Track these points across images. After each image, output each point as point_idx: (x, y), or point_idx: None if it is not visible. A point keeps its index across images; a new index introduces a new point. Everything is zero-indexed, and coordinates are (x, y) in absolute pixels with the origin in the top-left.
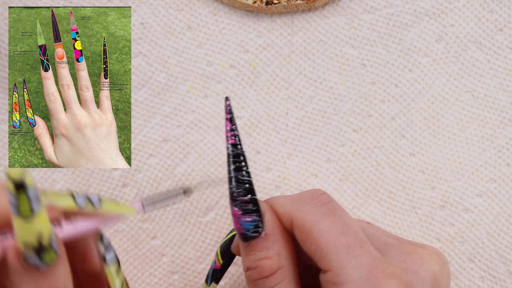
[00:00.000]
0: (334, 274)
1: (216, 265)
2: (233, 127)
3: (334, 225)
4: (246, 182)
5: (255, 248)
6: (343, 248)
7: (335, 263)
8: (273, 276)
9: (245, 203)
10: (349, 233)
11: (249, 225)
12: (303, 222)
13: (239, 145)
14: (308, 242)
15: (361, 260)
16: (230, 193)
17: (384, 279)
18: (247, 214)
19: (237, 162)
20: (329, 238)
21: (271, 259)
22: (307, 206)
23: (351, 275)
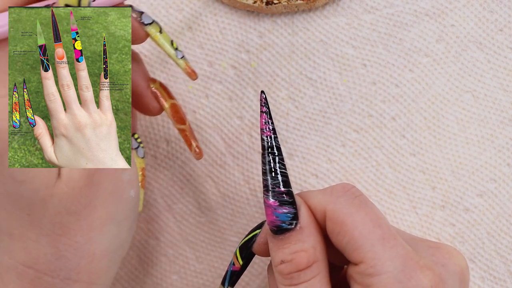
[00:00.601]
0: (368, 265)
1: (235, 266)
2: (269, 120)
3: (368, 217)
4: (283, 174)
5: (290, 241)
6: (378, 240)
7: (370, 254)
8: (309, 269)
9: (281, 195)
10: (383, 225)
11: (285, 217)
12: (337, 214)
13: (275, 137)
14: (341, 234)
15: (396, 251)
16: (265, 185)
17: (419, 270)
18: (284, 206)
19: (273, 154)
20: (363, 229)
21: (307, 251)
22: (340, 198)
23: (387, 266)
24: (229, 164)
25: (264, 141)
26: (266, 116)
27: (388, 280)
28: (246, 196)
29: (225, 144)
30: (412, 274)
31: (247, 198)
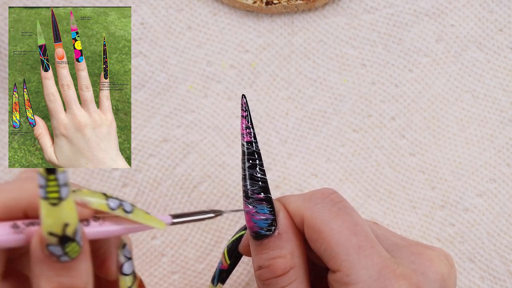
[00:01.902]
0: (343, 274)
1: (223, 265)
2: (249, 125)
3: (345, 225)
4: (261, 180)
5: (268, 247)
6: (353, 248)
7: (345, 263)
8: (286, 275)
9: (259, 201)
10: (360, 233)
11: (263, 223)
12: (314, 221)
13: (254, 143)
14: (318, 241)
15: (371, 260)
16: (244, 191)
17: (394, 280)
18: (261, 212)
19: (252, 160)
20: (340, 238)
21: (285, 258)
22: (318, 205)
23: (361, 275)
24: (229, 164)
25: (244, 146)
26: (246, 121)
27: None
28: None
29: (225, 144)
30: (386, 283)
31: None
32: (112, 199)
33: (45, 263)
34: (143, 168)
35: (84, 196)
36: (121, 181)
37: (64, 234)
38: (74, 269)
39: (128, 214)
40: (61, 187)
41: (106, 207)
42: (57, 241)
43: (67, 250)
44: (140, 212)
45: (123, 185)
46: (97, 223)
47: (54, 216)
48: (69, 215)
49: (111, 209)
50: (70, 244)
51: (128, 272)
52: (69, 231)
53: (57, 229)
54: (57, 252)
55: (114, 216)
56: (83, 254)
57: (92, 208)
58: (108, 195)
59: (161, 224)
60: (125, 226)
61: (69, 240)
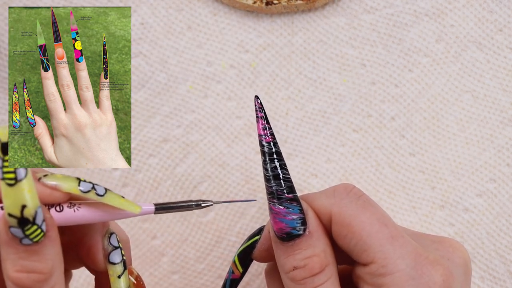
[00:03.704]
0: (379, 265)
1: (235, 274)
2: (268, 125)
3: (375, 217)
4: (288, 179)
5: (301, 247)
6: (386, 239)
7: (380, 254)
8: (322, 272)
9: (290, 201)
10: (389, 223)
11: (295, 223)
12: (343, 216)
13: (276, 143)
14: (348, 236)
15: (405, 249)
16: (272, 192)
17: (430, 266)
18: (293, 212)
19: (277, 160)
20: (371, 229)
21: (319, 256)
22: (344, 200)
23: (398, 264)
24: (229, 164)
25: (264, 147)
26: (264, 121)
27: (401, 278)
28: (246, 196)
29: (225, 144)
30: (423, 270)
31: (247, 198)
32: (84, 183)
33: (9, 245)
34: (143, 168)
35: (56, 179)
36: (121, 181)
37: (22, 215)
38: (38, 253)
39: (100, 197)
40: (17, 168)
41: (78, 190)
42: (16, 222)
43: (27, 232)
44: (114, 196)
45: (123, 185)
46: (71, 209)
47: (12, 196)
48: (27, 196)
49: (82, 192)
50: (30, 227)
51: (116, 261)
52: (28, 213)
53: (15, 210)
54: (18, 234)
55: (90, 203)
56: (48, 239)
57: (63, 191)
58: (81, 179)
59: (135, 207)
60: (101, 213)
61: (28, 223)
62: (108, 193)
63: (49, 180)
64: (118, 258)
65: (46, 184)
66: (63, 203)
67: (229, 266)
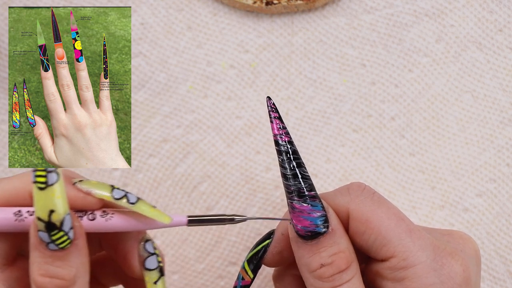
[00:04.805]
0: (399, 259)
1: (245, 280)
2: (283, 125)
3: (391, 212)
4: (308, 177)
5: (326, 244)
6: (405, 232)
7: (400, 248)
8: (349, 269)
9: (313, 198)
10: (405, 218)
11: (319, 221)
12: (361, 213)
13: (292, 142)
14: (366, 232)
15: (424, 241)
16: (294, 190)
17: (450, 257)
18: (317, 209)
19: (296, 159)
20: (390, 224)
21: (345, 252)
22: (360, 197)
23: (419, 256)
24: (229, 164)
25: (282, 146)
26: (279, 121)
27: (423, 270)
28: (246, 196)
29: (225, 144)
30: (443, 261)
31: (247, 198)
32: (117, 190)
33: (37, 249)
34: (143, 168)
35: (90, 185)
36: (121, 181)
37: (49, 220)
38: (63, 259)
39: (131, 205)
40: (49, 173)
41: (110, 197)
42: (44, 227)
43: (53, 238)
44: (145, 205)
45: (123, 185)
46: (103, 218)
47: (41, 200)
48: (56, 202)
49: (114, 199)
50: (56, 233)
51: (153, 267)
52: (55, 218)
53: (43, 215)
54: (45, 238)
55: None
56: (75, 247)
57: (96, 197)
58: (115, 187)
59: (166, 218)
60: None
61: (55, 228)
62: (139, 201)
63: (84, 185)
64: (154, 264)
65: (80, 189)
66: (96, 210)
67: (229, 266)
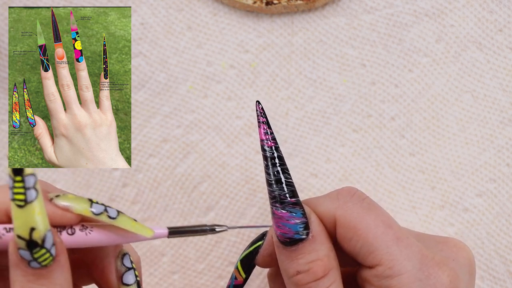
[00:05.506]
0: (385, 267)
1: (238, 280)
2: (270, 130)
3: (379, 219)
4: (291, 183)
5: (304, 251)
6: (392, 240)
7: (387, 256)
8: (326, 277)
9: (293, 205)
10: (394, 225)
11: (298, 227)
12: (348, 219)
13: (278, 148)
14: (354, 239)
15: (411, 250)
16: (275, 196)
17: (437, 267)
18: (296, 216)
19: (279, 165)
20: (377, 231)
21: (323, 260)
22: (349, 203)
23: (404, 265)
24: (229, 164)
25: (267, 152)
26: (266, 126)
27: (408, 279)
28: (246, 196)
29: (225, 144)
30: (430, 271)
31: (247, 198)
32: (96, 205)
33: (18, 267)
34: (143, 168)
35: (68, 200)
36: (121, 181)
37: (31, 238)
38: (46, 277)
39: (112, 220)
40: (28, 190)
41: (89, 212)
42: (25, 245)
43: (36, 256)
44: (126, 219)
45: (123, 185)
46: (83, 232)
47: (21, 218)
48: (36, 219)
49: (94, 214)
50: (38, 250)
51: (130, 282)
52: (36, 236)
53: (23, 233)
54: (27, 257)
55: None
56: (57, 263)
57: (75, 213)
58: (93, 201)
59: (148, 231)
60: (113, 236)
61: (37, 246)
62: (120, 215)
63: (61, 201)
64: (132, 279)
65: (58, 205)
66: (75, 225)
67: (229, 266)
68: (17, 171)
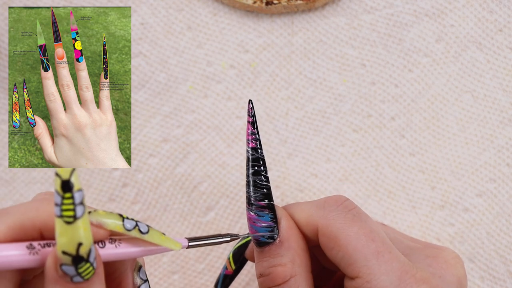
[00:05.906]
0: (364, 280)
1: (228, 270)
2: (255, 131)
3: (362, 231)
4: (264, 187)
5: (269, 255)
6: (372, 254)
7: (365, 269)
8: (286, 283)
9: (261, 208)
10: (377, 238)
11: (264, 231)
12: (330, 229)
13: (259, 149)
14: (335, 249)
15: (391, 265)
16: (247, 197)
17: (415, 284)
18: (263, 220)
19: (256, 166)
20: (357, 244)
21: (285, 266)
22: (333, 212)
23: (382, 280)
24: (229, 164)
25: (248, 152)
26: (252, 127)
27: None
28: (245, 197)
29: (225, 144)
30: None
31: None
32: (128, 220)
33: (58, 283)
34: (143, 168)
35: (100, 217)
36: (121, 181)
37: (77, 253)
38: None
39: (143, 235)
40: (77, 206)
41: (122, 228)
42: (71, 260)
43: (80, 270)
44: (156, 233)
45: (123, 185)
46: (113, 245)
47: (69, 234)
48: (83, 234)
49: (126, 230)
50: (83, 265)
51: None
52: (83, 251)
53: (71, 248)
54: (70, 272)
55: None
56: (97, 276)
57: (108, 229)
58: (124, 216)
59: (176, 245)
60: (141, 249)
61: (82, 260)
62: (150, 230)
63: (93, 217)
64: None
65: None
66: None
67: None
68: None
